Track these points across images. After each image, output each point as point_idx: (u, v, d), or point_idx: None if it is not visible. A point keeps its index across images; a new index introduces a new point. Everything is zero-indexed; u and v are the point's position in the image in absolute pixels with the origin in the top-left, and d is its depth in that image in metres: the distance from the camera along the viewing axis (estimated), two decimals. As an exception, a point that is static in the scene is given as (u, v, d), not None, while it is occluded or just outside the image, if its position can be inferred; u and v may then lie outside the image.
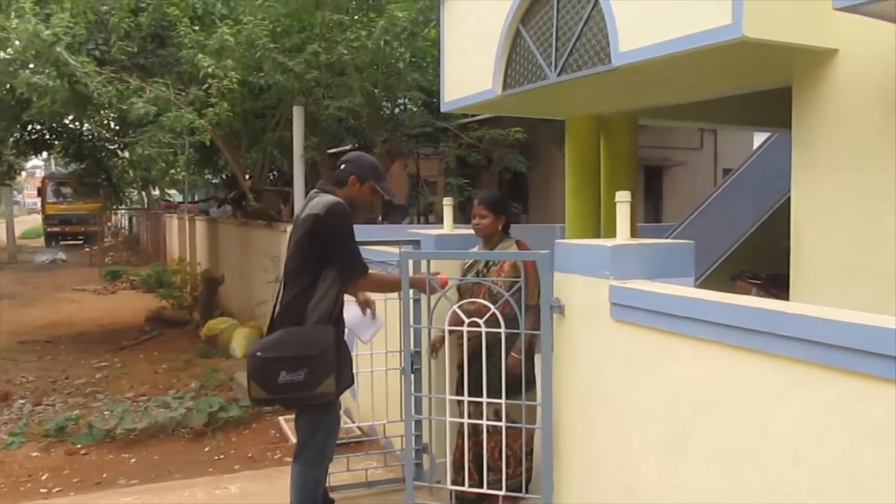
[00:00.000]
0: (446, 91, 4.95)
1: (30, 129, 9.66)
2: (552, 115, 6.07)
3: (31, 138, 10.04)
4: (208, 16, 6.85)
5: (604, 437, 2.33)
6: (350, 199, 2.79)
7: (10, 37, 6.07)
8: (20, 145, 10.26)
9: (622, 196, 2.38)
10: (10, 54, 6.30)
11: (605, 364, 2.32)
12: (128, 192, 15.68)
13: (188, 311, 9.29)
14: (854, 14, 2.50)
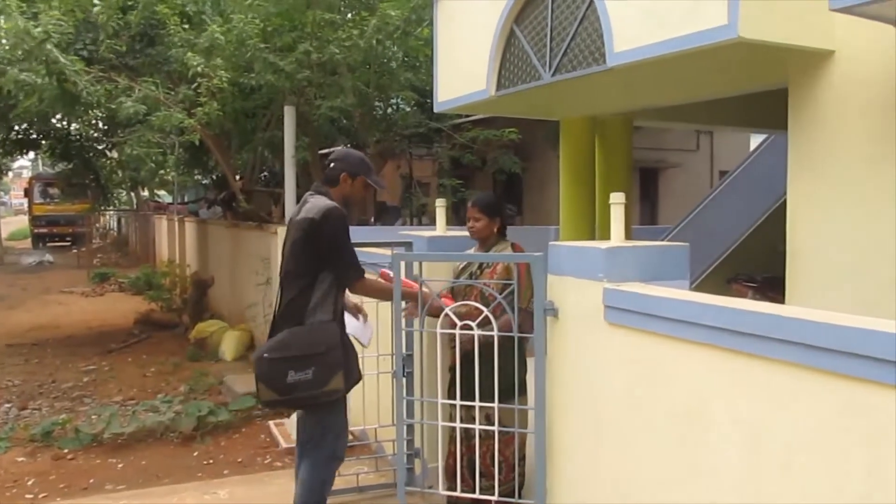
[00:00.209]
0: (439, 91, 4.92)
1: (16, 129, 9.53)
2: (547, 115, 6.05)
3: (18, 138, 9.92)
4: (198, 15, 6.77)
5: (598, 441, 2.31)
6: (344, 196, 2.82)
7: (-1, 35, 6.00)
8: (6, 145, 10.14)
9: (616, 198, 2.36)
10: (-2, 52, 6.22)
11: (599, 368, 2.30)
12: (116, 192, 15.49)
13: (177, 313, 9.22)
14: (851, 15, 2.49)
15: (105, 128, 8.93)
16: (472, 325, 2.61)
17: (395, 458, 3.15)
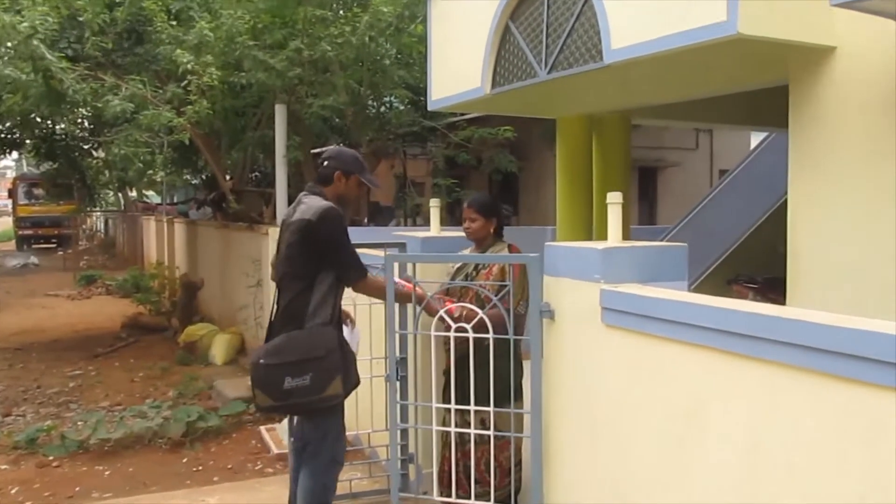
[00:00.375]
0: (434, 89, 4.87)
1: (0, 128, 9.38)
2: (543, 114, 6.00)
3: (2, 137, 9.75)
4: (185, 11, 6.67)
5: (595, 444, 2.27)
6: (338, 195, 2.78)
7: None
8: (-12, 144, 9.99)
9: (613, 197, 2.33)
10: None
11: (596, 370, 2.27)
12: (103, 193, 15.33)
13: (166, 316, 9.10)
14: (852, 10, 2.46)
15: (91, 127, 8.80)
16: (467, 326, 2.56)
17: (388, 463, 3.09)
